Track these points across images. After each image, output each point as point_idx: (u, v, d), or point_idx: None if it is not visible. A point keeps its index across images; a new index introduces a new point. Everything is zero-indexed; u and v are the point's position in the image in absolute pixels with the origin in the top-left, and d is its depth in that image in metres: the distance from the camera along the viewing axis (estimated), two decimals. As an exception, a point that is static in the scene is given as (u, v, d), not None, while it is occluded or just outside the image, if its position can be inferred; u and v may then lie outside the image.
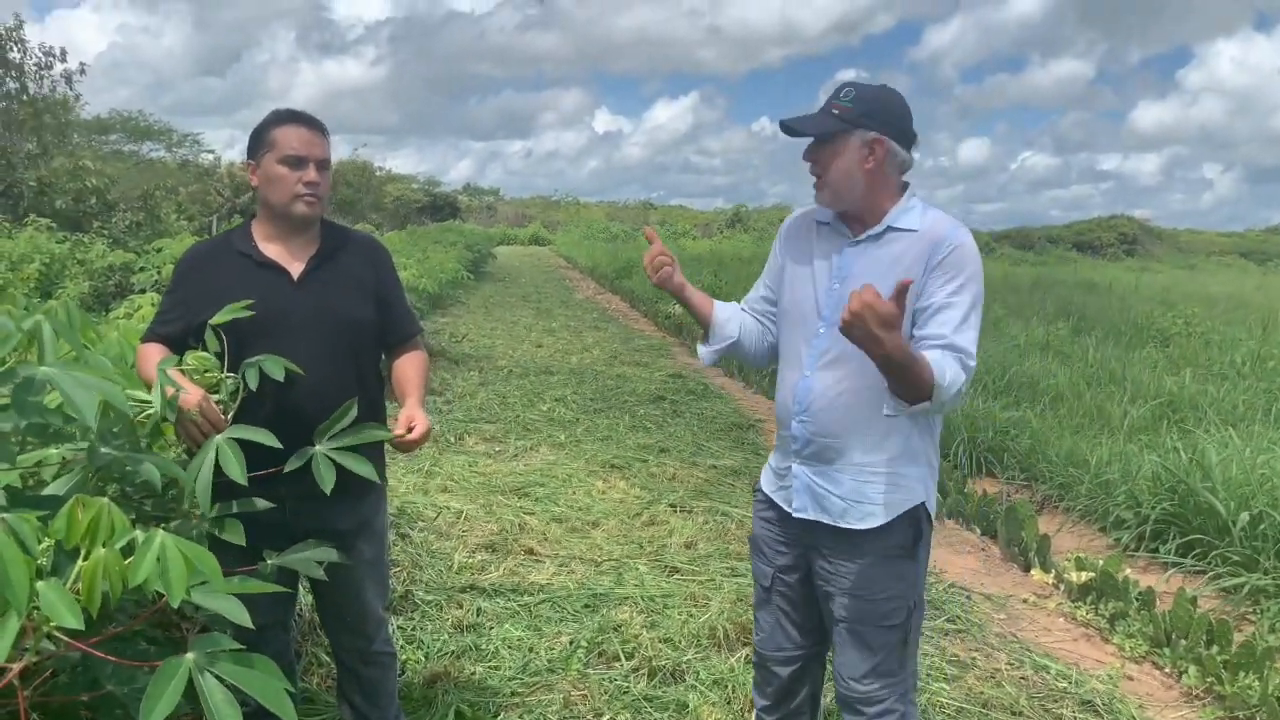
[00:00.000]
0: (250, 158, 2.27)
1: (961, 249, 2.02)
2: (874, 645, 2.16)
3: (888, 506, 2.12)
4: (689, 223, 57.94)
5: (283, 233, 2.28)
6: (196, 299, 2.21)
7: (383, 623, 2.54)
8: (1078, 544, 5.07)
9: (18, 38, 17.72)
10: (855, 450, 2.11)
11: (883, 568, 2.13)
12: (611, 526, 4.88)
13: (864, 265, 2.09)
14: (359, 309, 2.32)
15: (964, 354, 1.96)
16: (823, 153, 2.08)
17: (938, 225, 2.06)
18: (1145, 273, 29.03)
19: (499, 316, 14.64)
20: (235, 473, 1.77)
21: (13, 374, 1.33)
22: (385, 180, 42.51)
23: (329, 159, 2.29)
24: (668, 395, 8.57)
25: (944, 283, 2.00)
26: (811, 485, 2.17)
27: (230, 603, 1.32)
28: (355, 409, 2.06)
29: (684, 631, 3.60)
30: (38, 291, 8.95)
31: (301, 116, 2.27)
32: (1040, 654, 3.67)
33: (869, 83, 2.11)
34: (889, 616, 2.14)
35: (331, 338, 2.25)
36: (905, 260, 2.04)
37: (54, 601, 1.14)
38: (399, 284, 2.52)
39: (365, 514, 2.40)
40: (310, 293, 2.26)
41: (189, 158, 30.49)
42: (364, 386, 2.29)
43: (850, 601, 2.16)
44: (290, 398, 2.13)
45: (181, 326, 2.21)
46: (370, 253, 2.42)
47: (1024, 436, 6.39)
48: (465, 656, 3.39)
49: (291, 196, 2.21)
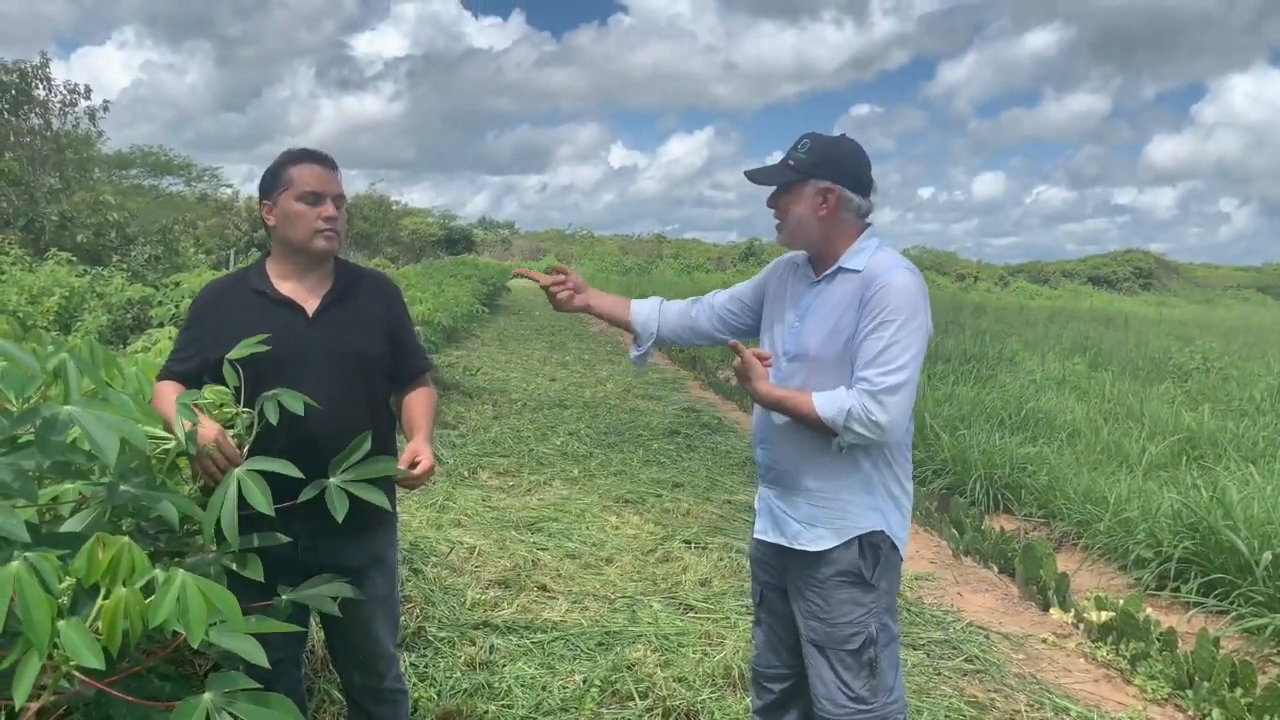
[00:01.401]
0: (265, 197, 2.30)
1: (887, 289, 2.14)
2: (840, 668, 2.27)
3: (838, 531, 2.26)
4: (702, 255, 58.16)
5: (297, 270, 2.31)
6: (212, 336, 2.23)
7: (394, 660, 2.53)
8: (1097, 582, 5.01)
9: (44, 75, 18.06)
10: (808, 477, 2.27)
11: (838, 592, 2.27)
12: (625, 563, 4.86)
13: (817, 305, 2.27)
14: (372, 345, 2.34)
15: (870, 383, 2.11)
16: (781, 200, 2.28)
17: (877, 266, 2.21)
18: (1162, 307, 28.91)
19: (513, 350, 14.68)
20: (260, 503, 1.77)
21: (36, 412, 1.34)
22: (402, 214, 42.87)
23: (344, 194, 2.34)
24: (681, 429, 8.55)
25: (867, 320, 2.15)
26: (773, 508, 2.36)
27: (248, 643, 1.32)
28: (369, 441, 2.08)
29: (699, 671, 3.56)
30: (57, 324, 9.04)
31: (315, 154, 2.31)
32: (1060, 695, 3.61)
33: (827, 134, 2.29)
34: (848, 641, 2.26)
35: (345, 374, 2.27)
36: (845, 300, 2.21)
37: (75, 641, 1.14)
38: (410, 321, 2.55)
39: (377, 550, 2.40)
40: (324, 329, 2.28)
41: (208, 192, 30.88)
42: (375, 422, 2.30)
43: (814, 624, 2.30)
44: (304, 432, 2.14)
45: (197, 364, 2.23)
46: (383, 290, 2.45)
47: (1041, 473, 6.34)
48: (478, 694, 3.36)
49: (312, 232, 2.24)
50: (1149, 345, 13.65)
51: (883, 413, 2.10)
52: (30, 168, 17.25)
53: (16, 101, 17.76)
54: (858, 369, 2.15)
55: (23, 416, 1.37)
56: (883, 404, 2.10)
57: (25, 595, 1.12)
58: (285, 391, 2.02)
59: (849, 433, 2.13)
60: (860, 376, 2.13)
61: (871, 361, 2.12)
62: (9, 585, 1.12)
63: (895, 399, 2.11)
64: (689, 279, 37.61)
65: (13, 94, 17.67)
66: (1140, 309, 25.88)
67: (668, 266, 50.40)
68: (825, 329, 2.22)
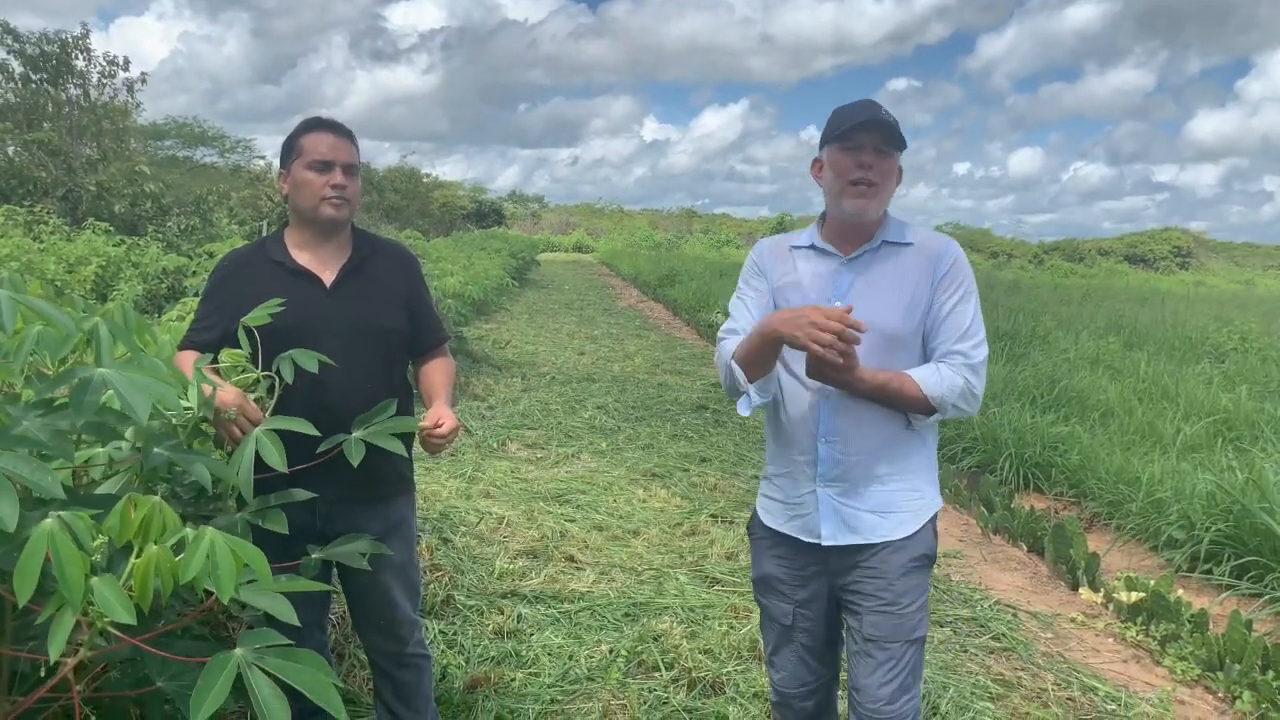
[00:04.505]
0: (282, 166, 2.31)
1: (960, 261, 2.12)
2: (901, 661, 2.13)
3: (916, 514, 2.14)
4: (732, 230, 57.92)
5: (313, 240, 2.31)
6: (232, 306, 2.24)
7: (415, 625, 2.55)
8: (1128, 563, 4.96)
9: (84, 46, 18.20)
10: (881, 464, 2.11)
11: (911, 578, 2.13)
12: (652, 535, 4.87)
13: (867, 280, 2.11)
14: (390, 316, 2.35)
15: (967, 356, 2.05)
16: (886, 163, 2.07)
17: (932, 239, 2.14)
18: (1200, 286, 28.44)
19: (542, 323, 14.70)
20: (275, 460, 1.79)
21: (72, 374, 1.36)
22: (432, 187, 42.92)
23: (356, 164, 2.31)
24: (709, 404, 8.54)
25: (948, 293, 2.08)
26: (839, 508, 2.12)
27: (278, 601, 1.34)
28: (395, 406, 2.10)
29: (724, 643, 3.58)
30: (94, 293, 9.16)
31: (327, 123, 2.30)
32: (1088, 675, 3.59)
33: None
34: (916, 629, 2.14)
35: (363, 344, 2.28)
36: (911, 274, 2.10)
37: (108, 597, 1.16)
38: (428, 292, 2.54)
39: (395, 518, 2.42)
40: (342, 300, 2.28)
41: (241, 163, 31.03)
42: (393, 392, 2.31)
43: (881, 619, 2.12)
44: (322, 402, 2.16)
45: (218, 334, 2.24)
46: (401, 261, 2.44)
47: (1073, 452, 6.27)
48: (505, 662, 3.40)
49: (319, 200, 2.24)
50: (1185, 325, 13.43)
51: (980, 384, 2.07)
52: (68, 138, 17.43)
53: (56, 72, 17.92)
54: (947, 343, 2.06)
55: (59, 378, 1.39)
56: (980, 376, 2.07)
57: (59, 552, 1.14)
58: (299, 350, 2.03)
59: (951, 410, 2.04)
60: (954, 350, 2.06)
61: (964, 335, 2.06)
62: (44, 542, 1.14)
63: (985, 371, 2.09)
64: (718, 254, 37.45)
65: (53, 64, 17.83)
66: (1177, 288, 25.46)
67: (696, 241, 50.21)
68: (901, 304, 2.08)
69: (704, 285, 17.82)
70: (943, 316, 2.08)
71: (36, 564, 1.12)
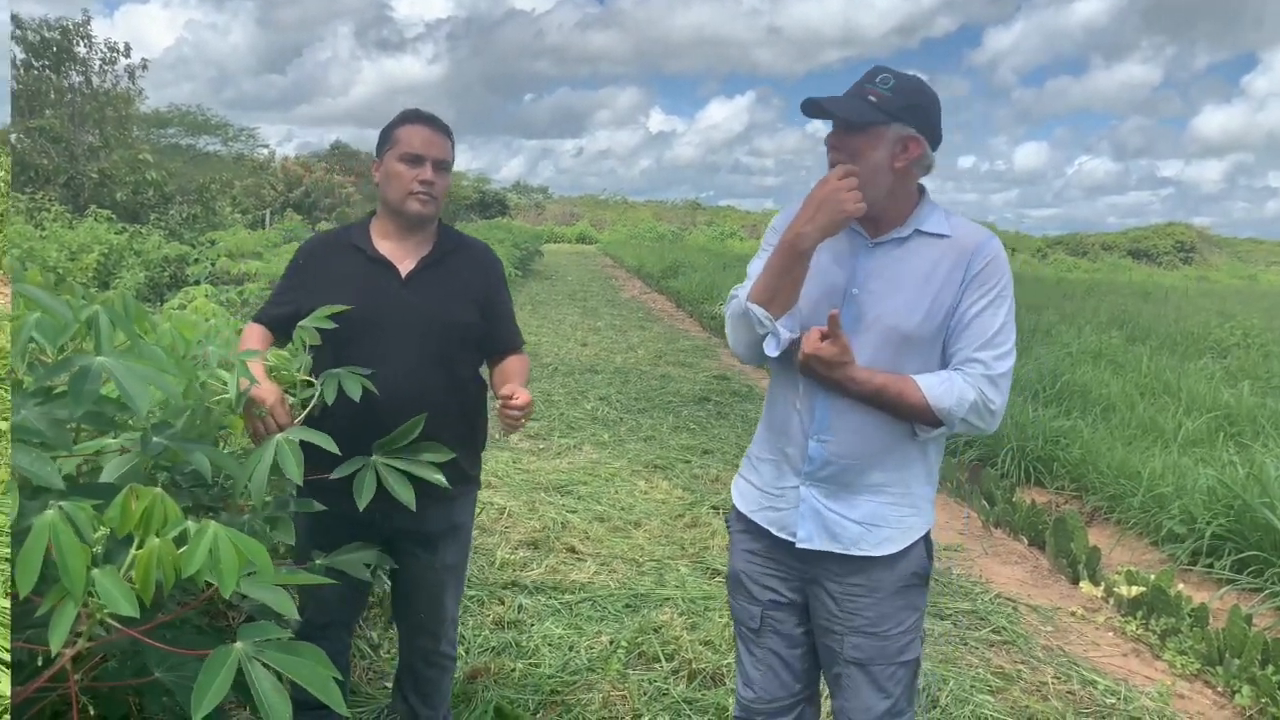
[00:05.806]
0: (376, 155, 2.30)
1: (997, 261, 1.89)
2: (888, 685, 1.97)
3: (905, 531, 1.95)
4: (737, 223, 57.83)
5: (398, 230, 2.29)
6: (309, 286, 2.26)
7: (454, 625, 2.56)
8: (1128, 557, 4.96)
9: (85, 33, 18.18)
10: (876, 471, 1.92)
11: (898, 599, 1.95)
12: (653, 527, 4.87)
13: (889, 273, 1.91)
14: (462, 312, 2.31)
15: (987, 366, 1.85)
16: (853, 141, 1.85)
17: (970, 233, 1.92)
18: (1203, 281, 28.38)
19: (545, 314, 14.70)
20: (293, 471, 1.79)
21: (70, 362, 1.35)
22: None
23: (449, 160, 2.29)
24: (712, 396, 8.54)
25: (978, 295, 1.87)
26: (821, 510, 1.94)
27: (277, 594, 1.33)
28: (422, 425, 2.06)
29: (725, 635, 3.58)
30: (96, 281, 9.17)
31: (425, 116, 2.28)
32: (1088, 668, 3.59)
33: (905, 72, 1.89)
34: (904, 652, 1.97)
35: (430, 338, 2.25)
36: (940, 268, 1.88)
37: (110, 589, 1.16)
38: (508, 296, 2.50)
39: (456, 518, 2.41)
40: (416, 292, 2.26)
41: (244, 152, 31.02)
42: (457, 390, 2.30)
43: (863, 640, 1.96)
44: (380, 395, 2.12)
45: (292, 310, 2.24)
46: (483, 261, 2.42)
47: (1074, 446, 6.27)
48: (506, 653, 3.40)
49: (406, 194, 2.22)
50: (1188, 320, 13.41)
51: (999, 398, 1.86)
52: (70, 125, 17.42)
53: (58, 59, 17.91)
54: (967, 349, 1.86)
55: (57, 366, 1.39)
56: (1000, 389, 1.86)
57: (60, 543, 1.13)
58: (348, 373, 2.01)
59: (960, 424, 1.84)
60: (974, 358, 1.85)
61: (988, 342, 1.85)
62: (45, 532, 1.14)
63: (1007, 384, 1.87)
64: (722, 246, 37.41)
65: (54, 51, 17.82)
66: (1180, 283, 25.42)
67: (701, 233, 50.14)
68: (922, 303, 1.86)
69: (708, 277, 17.79)
70: (968, 320, 1.87)
71: (38, 555, 1.12)
